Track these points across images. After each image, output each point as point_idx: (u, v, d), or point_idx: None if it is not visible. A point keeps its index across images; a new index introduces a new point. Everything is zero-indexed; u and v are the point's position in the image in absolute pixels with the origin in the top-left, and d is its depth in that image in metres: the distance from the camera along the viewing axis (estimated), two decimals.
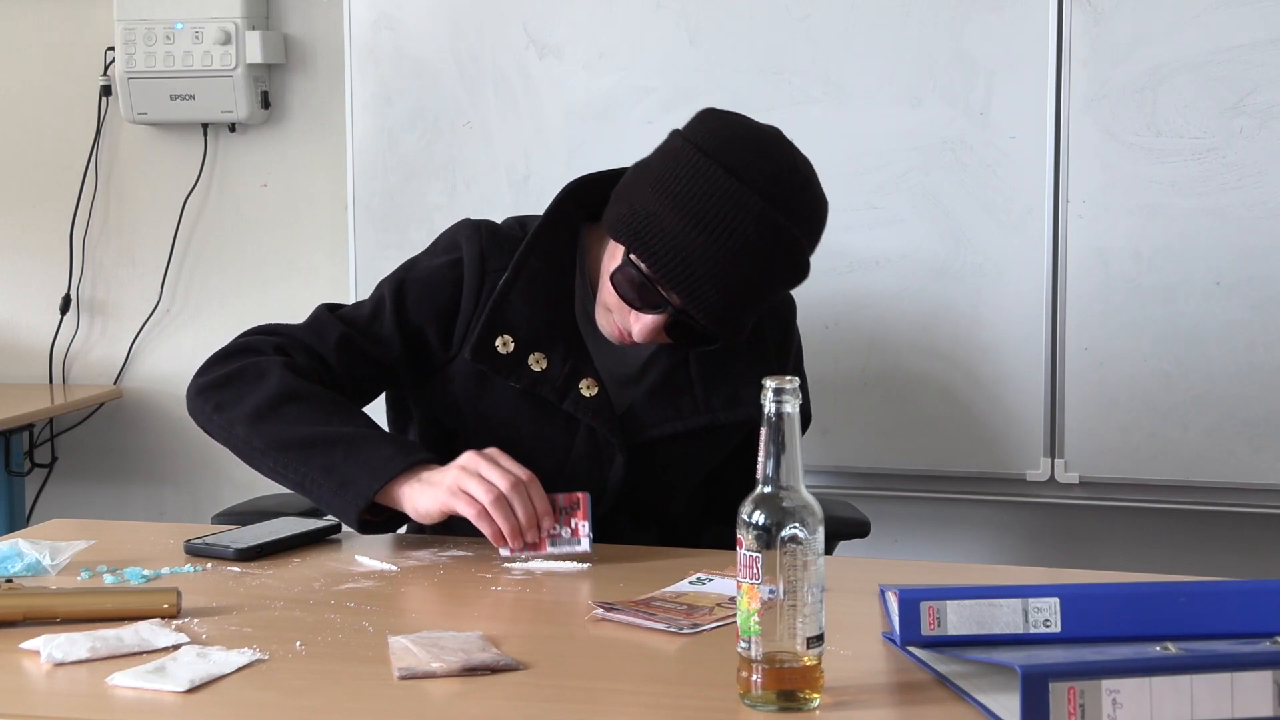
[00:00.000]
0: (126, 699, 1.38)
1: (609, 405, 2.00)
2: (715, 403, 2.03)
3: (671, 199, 1.86)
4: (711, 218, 1.84)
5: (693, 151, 1.87)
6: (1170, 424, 2.87)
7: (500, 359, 1.99)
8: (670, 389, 2.03)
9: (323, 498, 1.89)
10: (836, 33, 2.94)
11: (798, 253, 1.90)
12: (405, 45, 3.16)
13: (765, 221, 1.84)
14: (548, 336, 2.00)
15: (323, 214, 3.51)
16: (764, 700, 1.33)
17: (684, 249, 1.85)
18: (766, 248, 1.85)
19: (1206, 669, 1.25)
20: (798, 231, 1.88)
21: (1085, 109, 2.84)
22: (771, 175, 1.86)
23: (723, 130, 1.90)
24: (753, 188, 1.84)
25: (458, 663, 1.43)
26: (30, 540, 1.83)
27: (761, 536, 1.32)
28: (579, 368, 1.99)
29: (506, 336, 1.99)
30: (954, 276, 2.93)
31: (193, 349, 3.60)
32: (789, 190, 1.87)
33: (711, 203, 1.84)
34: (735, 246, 1.83)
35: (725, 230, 1.83)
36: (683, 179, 1.86)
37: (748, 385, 2.03)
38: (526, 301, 2.00)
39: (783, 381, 1.35)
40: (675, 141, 1.92)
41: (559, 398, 1.99)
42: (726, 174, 1.84)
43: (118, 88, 3.49)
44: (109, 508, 3.67)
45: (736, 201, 1.83)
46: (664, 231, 1.86)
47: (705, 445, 2.07)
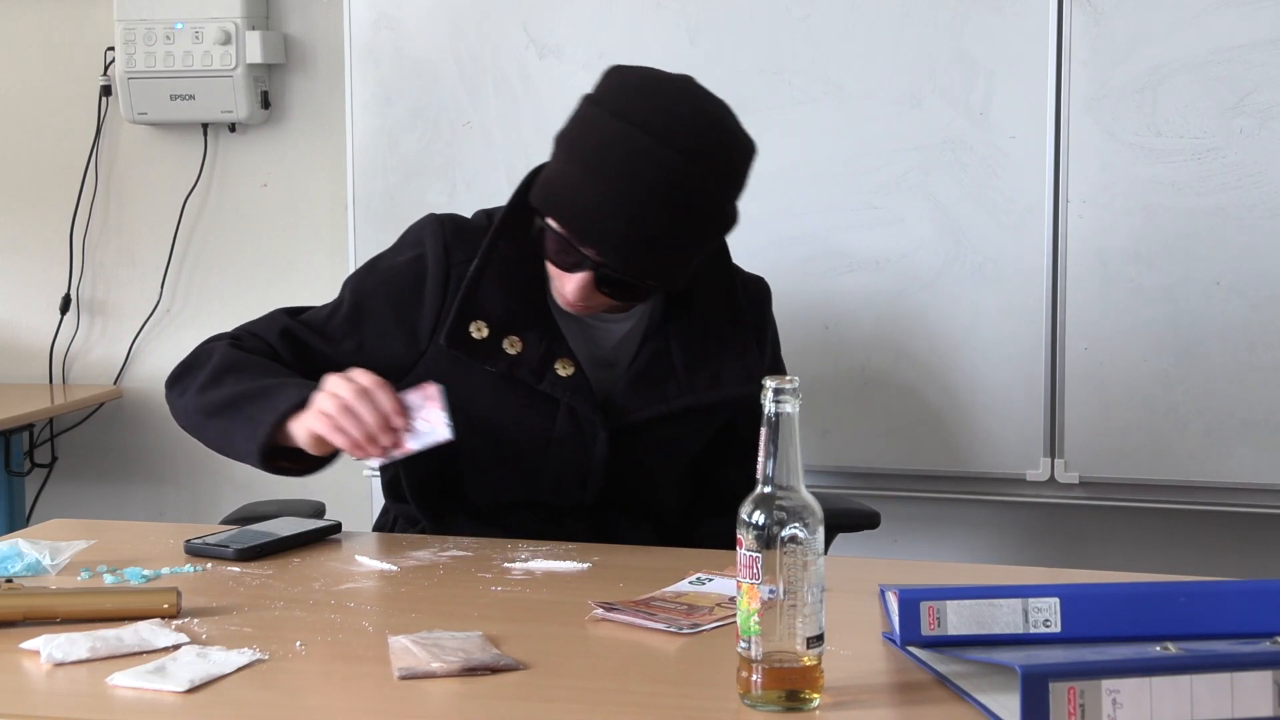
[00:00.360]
0: (126, 699, 1.38)
1: (586, 384, 2.01)
2: (698, 384, 2.03)
3: (570, 154, 1.90)
4: (604, 163, 1.86)
5: (588, 105, 1.92)
6: (1170, 424, 2.87)
7: (475, 344, 2.00)
8: (654, 373, 2.03)
9: (241, 448, 1.92)
10: (836, 33, 2.94)
11: (703, 193, 1.88)
12: (405, 45, 3.16)
13: (657, 160, 1.84)
14: (521, 320, 2.01)
15: (323, 214, 3.51)
16: (764, 700, 1.33)
17: (584, 199, 1.87)
18: (664, 187, 1.84)
19: (1206, 669, 1.25)
20: (701, 172, 1.86)
21: (1085, 109, 2.84)
22: (664, 116, 1.86)
23: (617, 80, 1.93)
24: (642, 129, 1.84)
25: (458, 663, 1.43)
26: (30, 540, 1.83)
27: (761, 536, 1.32)
28: (553, 349, 2.00)
29: (480, 322, 2.00)
30: (954, 276, 2.93)
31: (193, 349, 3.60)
32: (686, 129, 1.86)
33: (603, 149, 1.86)
34: (630, 189, 1.84)
35: (618, 174, 1.85)
36: (579, 132, 1.91)
37: (729, 365, 2.04)
38: (498, 287, 2.01)
39: (783, 381, 1.35)
40: (583, 102, 1.95)
41: (536, 379, 2.00)
42: (615, 118, 1.86)
43: (118, 88, 3.49)
44: (109, 508, 3.67)
45: (626, 143, 1.85)
46: (565, 186, 1.89)
47: (690, 427, 2.07)
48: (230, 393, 1.95)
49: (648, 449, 2.05)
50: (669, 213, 1.86)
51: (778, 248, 2.97)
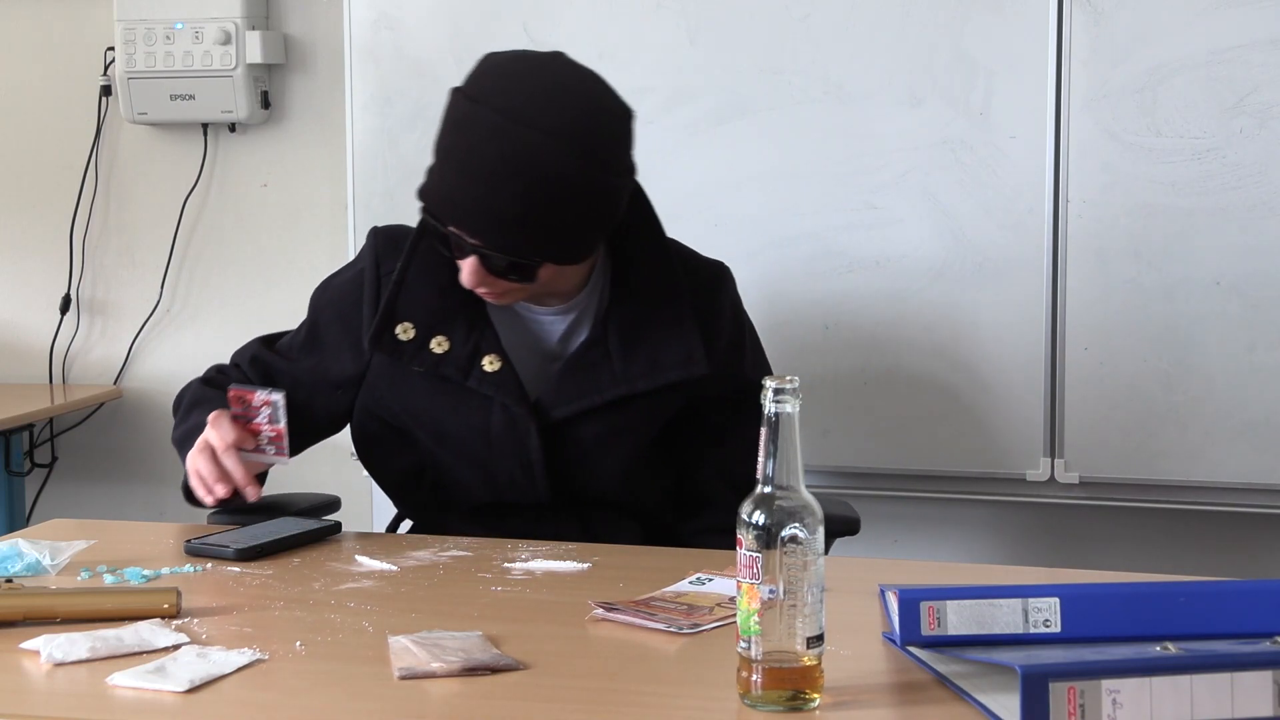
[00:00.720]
0: (126, 699, 1.38)
1: (514, 378, 2.01)
2: (634, 372, 2.02)
3: (435, 144, 1.93)
4: (453, 142, 1.90)
5: (450, 94, 1.94)
6: (1170, 424, 2.87)
7: (402, 346, 2.03)
8: (587, 364, 2.03)
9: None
10: (836, 33, 2.94)
11: (556, 162, 1.86)
12: (405, 45, 3.16)
13: (497, 130, 1.85)
14: (449, 319, 2.02)
15: (323, 214, 3.51)
16: (764, 700, 1.33)
17: (443, 184, 1.90)
18: (514, 161, 1.85)
19: (1206, 669, 1.25)
20: (541, 136, 1.85)
21: (1085, 109, 2.84)
22: (514, 93, 1.88)
23: (480, 66, 1.95)
24: (491, 107, 1.87)
25: (458, 663, 1.43)
26: (30, 540, 1.83)
27: (761, 536, 1.32)
28: (481, 345, 2.02)
29: (406, 324, 2.03)
30: (954, 276, 2.93)
31: (193, 349, 3.60)
32: (536, 104, 1.87)
33: (452, 129, 1.90)
34: (480, 166, 1.86)
35: (465, 150, 1.87)
36: (441, 121, 1.94)
37: (668, 349, 2.02)
38: (423, 288, 2.03)
39: (783, 381, 1.35)
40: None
41: (462, 376, 2.01)
42: (468, 101, 1.90)
43: (118, 88, 3.49)
44: (109, 508, 3.67)
45: (472, 121, 1.87)
46: (431, 175, 1.92)
47: (632, 417, 2.05)
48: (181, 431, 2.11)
49: (588, 442, 2.04)
50: (525, 188, 1.86)
51: (778, 248, 2.97)
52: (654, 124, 3.03)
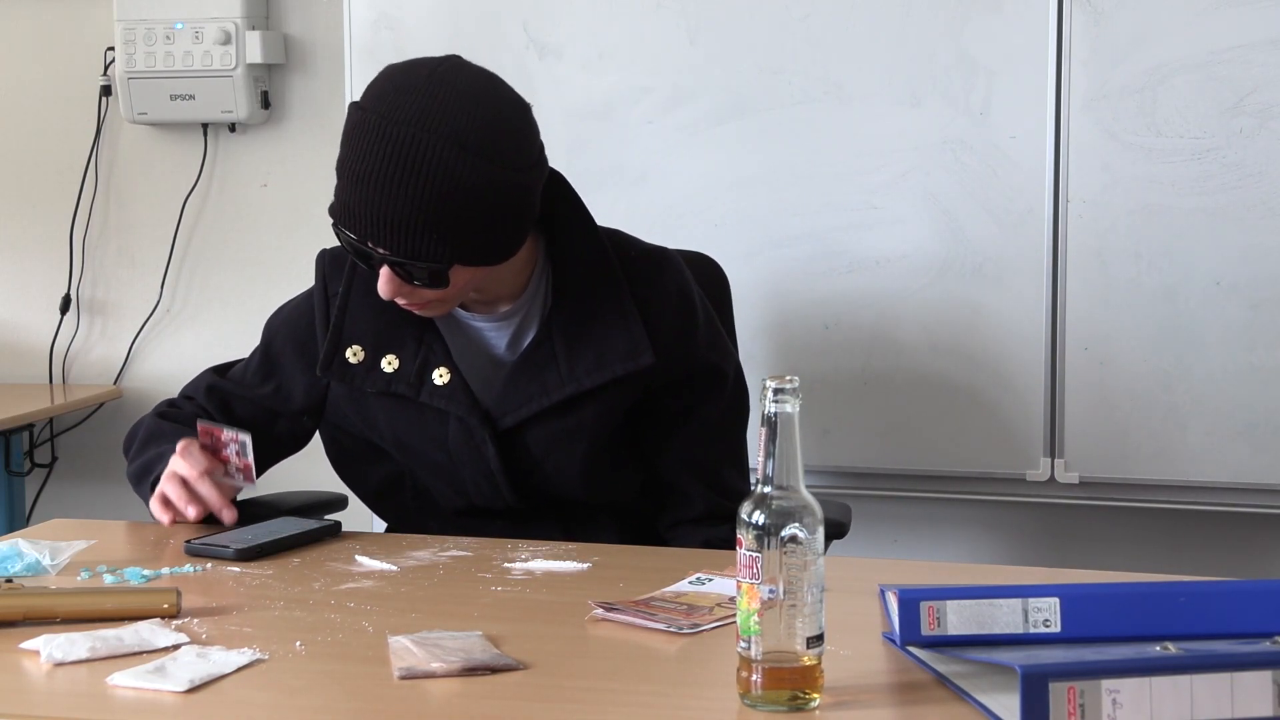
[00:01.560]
0: (126, 699, 1.38)
1: (464, 389, 2.01)
2: (580, 369, 2.00)
3: (337, 161, 1.93)
4: (345, 151, 1.89)
5: (348, 109, 1.94)
6: (1170, 424, 2.87)
7: (352, 369, 2.03)
8: (533, 367, 2.01)
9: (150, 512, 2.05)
10: (836, 33, 2.94)
11: (437, 155, 1.83)
12: (405, 45, 3.16)
13: (381, 133, 1.84)
14: (396, 337, 2.02)
15: (323, 214, 3.47)
16: (764, 700, 1.33)
17: (343, 194, 1.90)
18: (397, 159, 1.83)
19: (1206, 669, 1.25)
20: (426, 134, 1.83)
21: (1085, 109, 2.84)
22: (393, 93, 1.87)
23: (374, 79, 1.93)
24: (377, 113, 1.86)
25: (458, 663, 1.43)
26: (30, 540, 1.83)
27: (761, 536, 1.32)
28: (430, 359, 2.02)
29: (356, 347, 2.03)
30: (954, 276, 2.93)
31: (193, 349, 3.60)
32: (418, 101, 1.85)
33: (349, 142, 1.89)
34: (368, 169, 1.85)
35: (358, 159, 1.86)
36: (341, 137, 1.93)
37: (612, 343, 2.00)
38: (366, 308, 2.03)
39: (783, 381, 1.35)
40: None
41: (414, 392, 2.01)
42: (358, 110, 1.89)
43: (118, 88, 3.49)
44: (109, 508, 3.66)
45: (361, 128, 1.87)
46: (336, 189, 1.92)
47: (584, 415, 2.02)
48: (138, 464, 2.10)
49: (545, 444, 2.03)
50: (417, 189, 1.83)
51: (778, 248, 2.97)
52: (654, 124, 3.03)
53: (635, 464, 2.12)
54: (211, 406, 2.15)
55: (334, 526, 2.01)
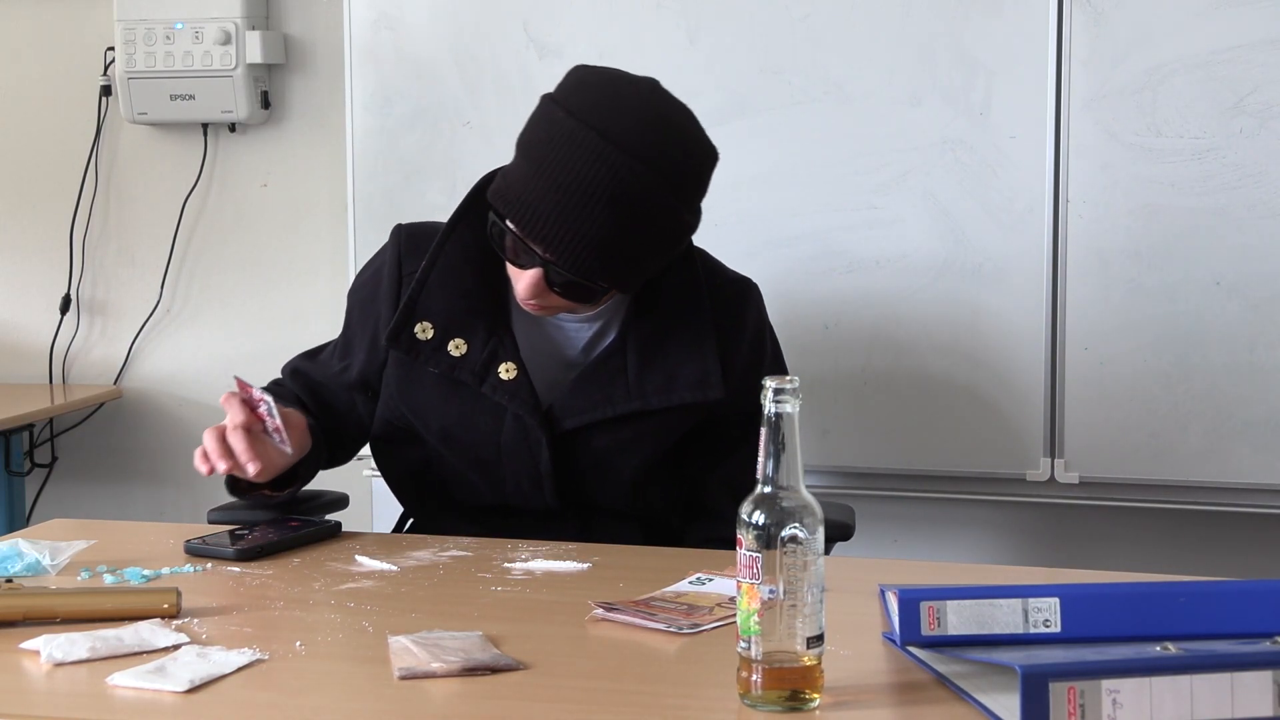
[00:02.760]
0: (126, 699, 1.38)
1: (528, 388, 2.00)
2: (648, 388, 2.00)
3: (524, 151, 1.91)
4: (551, 159, 1.86)
5: (544, 103, 1.92)
6: (1170, 424, 2.87)
7: (419, 345, 2.02)
8: (603, 375, 2.02)
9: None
10: (836, 33, 2.94)
11: (646, 191, 1.85)
12: (405, 45, 3.16)
13: (607, 161, 1.83)
14: (468, 323, 2.02)
15: (323, 214, 3.51)
16: (764, 700, 1.33)
17: (530, 194, 1.87)
18: (613, 189, 1.83)
19: (1206, 669, 1.25)
20: (648, 173, 1.85)
21: (1085, 109, 2.84)
22: (619, 117, 1.85)
23: (577, 80, 1.93)
24: (596, 129, 1.84)
25: (458, 663, 1.43)
26: (30, 540, 1.83)
27: (761, 536, 1.32)
28: (498, 352, 2.01)
29: (426, 324, 2.02)
30: (954, 276, 2.92)
31: (193, 349, 3.60)
32: (640, 133, 1.85)
33: (552, 145, 1.86)
34: (578, 188, 1.83)
35: (563, 168, 1.84)
36: (532, 128, 1.91)
37: (685, 369, 2.01)
38: (445, 289, 2.02)
39: (783, 381, 1.35)
40: (539, 100, 1.95)
41: (478, 381, 2.00)
42: (568, 115, 1.86)
43: (118, 88, 3.49)
44: (109, 508, 3.67)
45: (573, 139, 1.85)
46: (515, 181, 1.90)
47: (643, 431, 2.03)
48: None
49: (597, 453, 2.03)
50: (616, 215, 1.85)
51: (778, 248, 2.97)
52: None
53: (677, 480, 2.13)
54: (297, 388, 2.14)
55: (334, 526, 2.01)
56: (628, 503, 2.09)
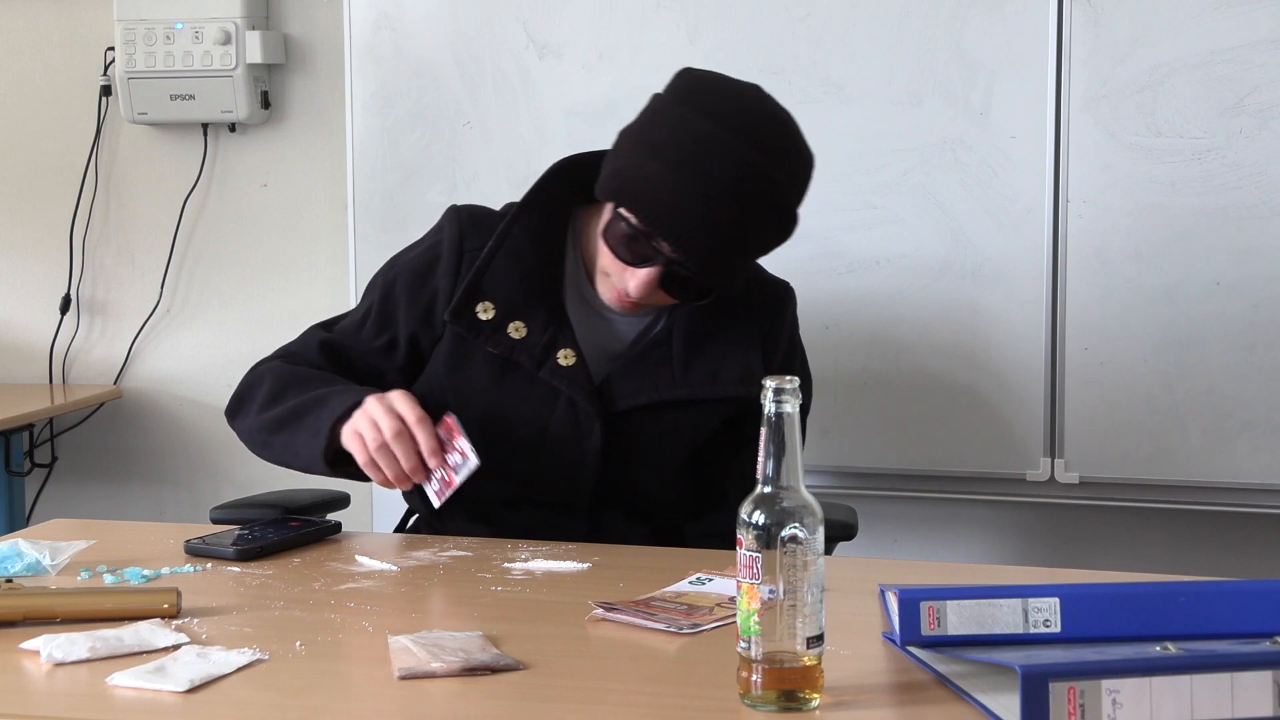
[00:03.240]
0: (126, 699, 1.38)
1: (586, 375, 2.01)
2: (693, 379, 2.03)
3: (653, 149, 1.90)
4: (691, 161, 1.87)
5: (671, 104, 1.93)
6: (1170, 424, 2.87)
7: (480, 324, 2.01)
8: (649, 363, 2.04)
9: (304, 454, 1.96)
10: (836, 33, 2.94)
11: (780, 195, 1.92)
12: (405, 45, 3.16)
13: (745, 161, 1.86)
14: (529, 306, 2.02)
15: (323, 214, 3.51)
16: (764, 700, 1.33)
17: (667, 194, 1.87)
18: (748, 188, 1.87)
19: (1206, 669, 1.25)
20: (778, 173, 1.90)
21: (1085, 109, 2.84)
22: (749, 119, 1.89)
23: (700, 83, 1.95)
24: (731, 130, 1.87)
25: (458, 663, 1.43)
26: (30, 540, 1.83)
27: (761, 536, 1.32)
28: (557, 338, 2.02)
29: (487, 303, 2.02)
30: (954, 276, 2.93)
31: (193, 349, 3.60)
32: (768, 134, 1.90)
33: (691, 147, 1.87)
34: (716, 188, 1.86)
35: (705, 172, 1.86)
36: (663, 129, 1.91)
37: (728, 365, 2.04)
38: (509, 271, 2.03)
39: (783, 381, 1.35)
40: (655, 100, 1.97)
41: (536, 365, 2.01)
42: (705, 118, 1.88)
43: (118, 88, 3.49)
44: (109, 508, 3.67)
45: (716, 143, 1.86)
46: (647, 180, 1.89)
47: (683, 421, 2.06)
48: (290, 405, 1.99)
49: (640, 440, 2.04)
50: (745, 210, 1.88)
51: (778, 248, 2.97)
52: None
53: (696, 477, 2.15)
54: (326, 363, 2.09)
55: (334, 526, 2.01)
56: (658, 495, 2.10)
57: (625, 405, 2.02)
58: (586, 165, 2.06)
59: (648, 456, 2.07)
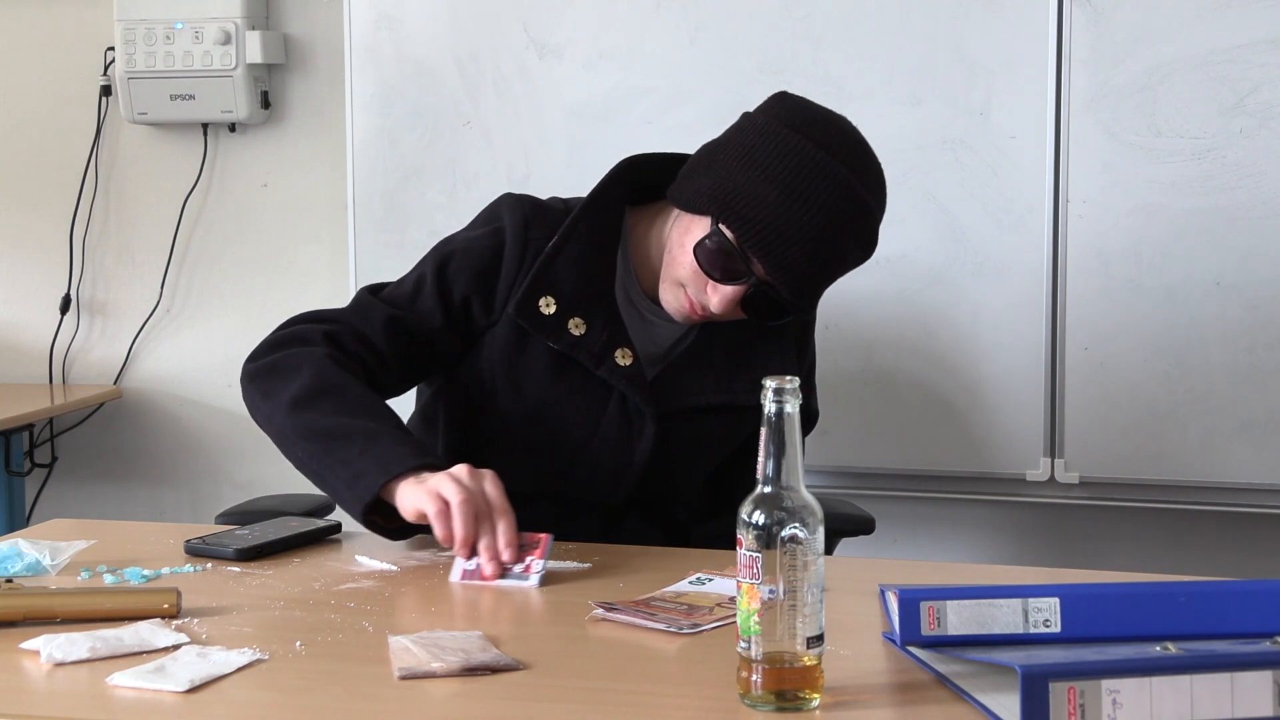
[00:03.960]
0: (126, 699, 1.38)
1: (643, 375, 2.03)
2: (737, 386, 2.06)
3: (763, 171, 1.91)
4: (805, 188, 1.89)
5: (780, 127, 1.93)
6: (1170, 424, 2.87)
7: (542, 319, 2.01)
8: (693, 367, 2.07)
9: (338, 490, 1.86)
10: (836, 33, 2.94)
11: (874, 225, 1.97)
12: (405, 45, 3.16)
13: (852, 193, 1.90)
14: (589, 304, 2.02)
15: (323, 214, 3.51)
16: (764, 700, 1.33)
17: (777, 218, 1.89)
18: (851, 218, 1.92)
19: (1206, 669, 1.25)
20: (874, 204, 1.95)
21: (1085, 109, 2.84)
22: (853, 151, 1.94)
23: (806, 110, 1.97)
24: (841, 161, 1.91)
25: (458, 663, 1.43)
26: (30, 540, 1.83)
27: (761, 536, 1.32)
28: (615, 337, 2.02)
29: (549, 298, 2.01)
30: (954, 276, 2.93)
31: (193, 349, 3.60)
32: (867, 166, 1.95)
33: (804, 174, 1.89)
34: (825, 217, 1.89)
35: (817, 201, 1.89)
36: (773, 152, 1.91)
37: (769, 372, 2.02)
38: (573, 267, 2.03)
39: (783, 381, 1.35)
40: (758, 119, 1.97)
41: (595, 363, 2.01)
42: (817, 148, 1.90)
43: (118, 88, 3.49)
44: (109, 508, 3.67)
45: (828, 173, 1.89)
46: (757, 201, 1.90)
47: (725, 425, 2.09)
48: (330, 424, 1.88)
49: (684, 443, 2.07)
50: (845, 241, 1.93)
51: None
52: (654, 124, 3.03)
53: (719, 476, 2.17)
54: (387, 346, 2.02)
55: (334, 526, 2.01)
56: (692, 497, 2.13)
57: (678, 406, 2.04)
58: (646, 166, 2.08)
59: (689, 459, 2.10)
